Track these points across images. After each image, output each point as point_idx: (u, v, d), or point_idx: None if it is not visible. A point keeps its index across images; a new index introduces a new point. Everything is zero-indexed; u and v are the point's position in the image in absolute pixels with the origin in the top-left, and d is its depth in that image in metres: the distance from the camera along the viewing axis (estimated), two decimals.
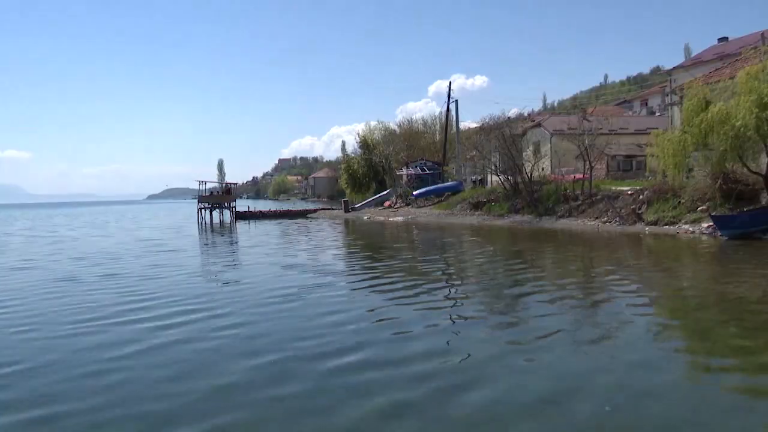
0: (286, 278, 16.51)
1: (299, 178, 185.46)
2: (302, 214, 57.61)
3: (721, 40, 56.18)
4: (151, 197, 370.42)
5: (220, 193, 56.89)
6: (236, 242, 31.32)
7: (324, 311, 11.86)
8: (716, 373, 7.87)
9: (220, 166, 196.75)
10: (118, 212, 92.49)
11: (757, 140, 22.44)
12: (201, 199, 53.69)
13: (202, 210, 52.30)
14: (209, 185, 57.66)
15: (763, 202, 23.53)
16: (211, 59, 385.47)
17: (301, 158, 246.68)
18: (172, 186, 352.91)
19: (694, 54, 57.71)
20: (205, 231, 40.77)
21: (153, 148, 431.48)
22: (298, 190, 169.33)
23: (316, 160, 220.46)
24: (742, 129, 21.61)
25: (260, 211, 57.80)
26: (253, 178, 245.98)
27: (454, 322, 11.10)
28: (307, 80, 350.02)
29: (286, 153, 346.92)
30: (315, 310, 12.00)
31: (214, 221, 50.95)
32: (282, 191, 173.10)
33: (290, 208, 65.57)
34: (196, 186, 55.55)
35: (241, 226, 44.09)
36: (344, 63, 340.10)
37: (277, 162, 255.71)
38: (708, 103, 23.42)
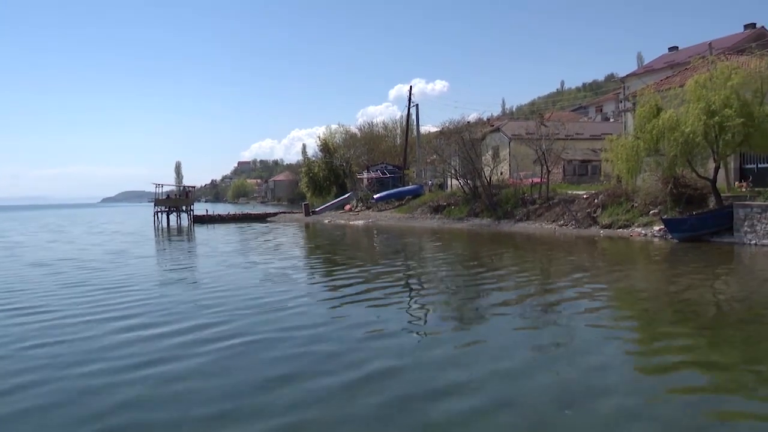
0: (245, 284, 16.14)
1: (259, 181, 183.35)
2: (262, 218, 56.93)
3: (671, 49, 58.07)
4: (106, 200, 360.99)
5: (178, 196, 55.80)
6: (194, 247, 30.73)
7: (291, 322, 11.67)
8: (668, 372, 8.08)
9: (178, 168, 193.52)
10: (70, 216, 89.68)
11: (705, 146, 23.21)
12: (157, 202, 52.58)
13: (159, 213, 51.20)
14: (166, 188, 56.57)
15: (711, 206, 24.35)
16: (169, 59, 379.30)
17: (261, 161, 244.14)
18: (127, 189, 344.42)
19: (646, 62, 59.53)
20: (162, 235, 39.90)
21: (108, 149, 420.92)
22: (257, 193, 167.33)
23: (276, 163, 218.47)
24: (691, 135, 22.31)
25: (219, 215, 56.84)
26: (212, 181, 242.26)
27: (412, 325, 11.11)
28: (267, 82, 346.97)
29: (246, 156, 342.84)
30: (277, 314, 11.87)
31: (171, 225, 49.91)
32: (241, 194, 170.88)
33: (250, 212, 64.73)
34: (152, 189, 54.41)
35: (199, 230, 43.33)
36: (305, 66, 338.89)
37: (236, 165, 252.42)
38: (659, 110, 24.11)
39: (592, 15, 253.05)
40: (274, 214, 59.58)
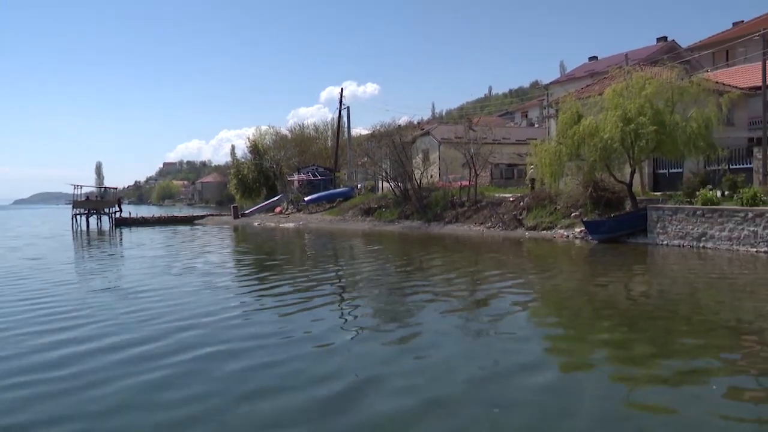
0: (176, 294, 15.49)
1: (186, 182, 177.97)
2: (189, 221, 55.28)
3: (591, 58, 60.77)
4: (19, 202, 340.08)
5: (97, 197, 53.36)
6: (118, 253, 29.49)
7: (232, 334, 11.39)
8: (590, 367, 8.48)
9: (99, 169, 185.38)
10: None
11: (621, 152, 24.42)
12: (76, 204, 50.12)
13: (78, 216, 48.82)
14: (85, 189, 54.00)
15: (627, 209, 25.65)
16: (89, 57, 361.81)
17: (188, 162, 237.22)
18: (43, 190, 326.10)
19: (568, 70, 62.08)
20: (81, 239, 38.02)
21: (22, 149, 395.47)
22: (184, 195, 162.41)
23: (204, 164, 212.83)
24: (609, 141, 23.42)
25: (143, 218, 54.76)
26: (136, 182, 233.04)
27: (343, 325, 11.14)
28: (194, 82, 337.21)
29: (172, 157, 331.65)
30: (203, 319, 11.58)
31: (91, 228, 47.63)
32: (167, 196, 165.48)
33: (176, 214, 62.70)
34: (70, 190, 51.80)
35: (122, 234, 41.54)
36: (234, 65, 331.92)
37: (161, 166, 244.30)
38: (580, 117, 25.16)
39: (519, 23, 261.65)
40: (202, 217, 58.02)
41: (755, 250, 19.56)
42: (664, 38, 54.33)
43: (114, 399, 7.23)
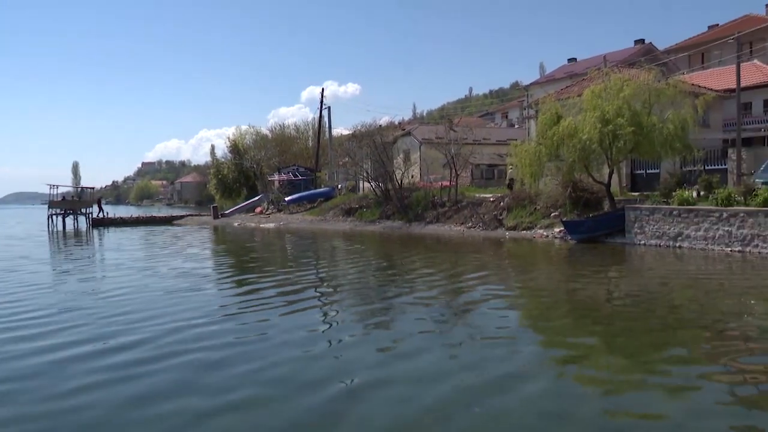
0: (156, 297, 15.35)
1: (165, 182, 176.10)
2: (168, 221, 54.66)
3: (570, 60, 61.43)
4: None
5: (74, 197, 52.52)
6: (95, 254, 29.08)
7: (215, 339, 11.29)
8: (570, 364, 8.57)
9: (75, 168, 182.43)
10: None
11: (600, 152, 24.71)
12: (52, 204, 49.30)
13: (54, 216, 48.03)
14: (62, 189, 53.12)
15: (606, 209, 25.95)
16: (66, 55, 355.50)
17: (167, 162, 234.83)
18: (18, 190, 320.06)
19: (548, 72, 62.69)
20: (57, 240, 37.40)
21: None
22: (163, 195, 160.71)
23: (183, 164, 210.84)
24: (587, 142, 23.68)
25: (121, 218, 54.01)
26: (113, 182, 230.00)
27: (327, 327, 11.12)
28: (174, 80, 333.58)
29: (151, 156, 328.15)
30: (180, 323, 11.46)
31: (67, 229, 46.86)
32: (145, 196, 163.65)
33: (155, 215, 61.96)
34: (46, 190, 50.96)
35: (100, 235, 40.96)
36: (214, 64, 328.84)
37: (140, 165, 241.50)
38: (559, 118, 25.39)
39: (499, 25, 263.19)
40: (181, 217, 57.43)
41: (729, 249, 19.90)
42: (642, 41, 55.13)
43: (88, 405, 7.11)
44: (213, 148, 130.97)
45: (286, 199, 51.95)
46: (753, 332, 10.07)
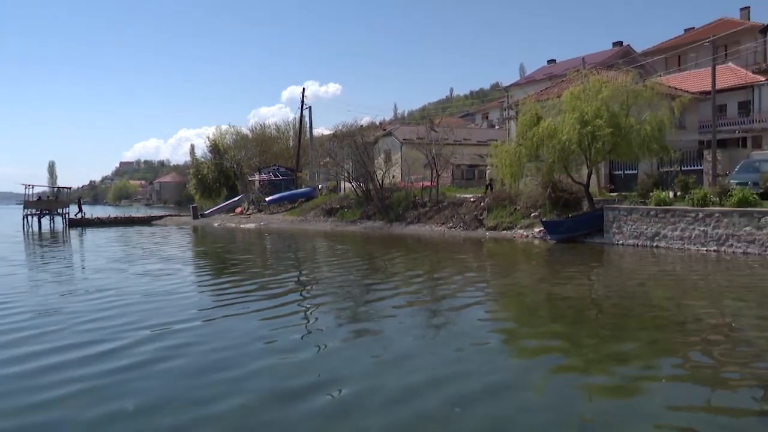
0: (136, 299, 15.14)
1: (143, 182, 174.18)
2: (146, 221, 54.08)
3: (550, 62, 61.95)
4: None
5: (50, 197, 51.70)
6: (72, 255, 28.63)
7: (201, 344, 11.16)
8: (549, 364, 8.64)
9: (52, 168, 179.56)
10: None
11: (579, 153, 24.96)
12: (27, 204, 48.49)
13: (29, 217, 47.24)
14: (38, 189, 52.27)
15: (585, 209, 26.22)
16: (42, 51, 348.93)
17: (146, 162, 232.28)
18: None
19: (527, 73, 63.25)
20: (33, 241, 36.78)
21: None
22: (141, 195, 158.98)
23: (162, 163, 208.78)
24: (567, 143, 23.91)
25: (98, 218, 53.28)
26: (91, 182, 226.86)
27: (308, 327, 11.09)
28: (153, 79, 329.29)
29: (129, 156, 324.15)
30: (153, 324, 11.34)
31: (43, 229, 46.09)
32: (124, 196, 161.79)
33: (133, 215, 61.24)
34: (21, 190, 50.08)
35: (77, 235, 40.35)
36: (194, 64, 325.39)
37: (118, 165, 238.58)
38: (539, 119, 25.61)
39: (479, 26, 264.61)
40: (160, 217, 56.83)
41: (705, 249, 20.23)
42: (620, 43, 55.78)
43: (57, 422, 6.98)
44: (193, 147, 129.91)
45: (267, 199, 51.71)
46: (729, 331, 10.24)
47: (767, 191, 20.57)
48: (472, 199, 32.94)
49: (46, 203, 51.24)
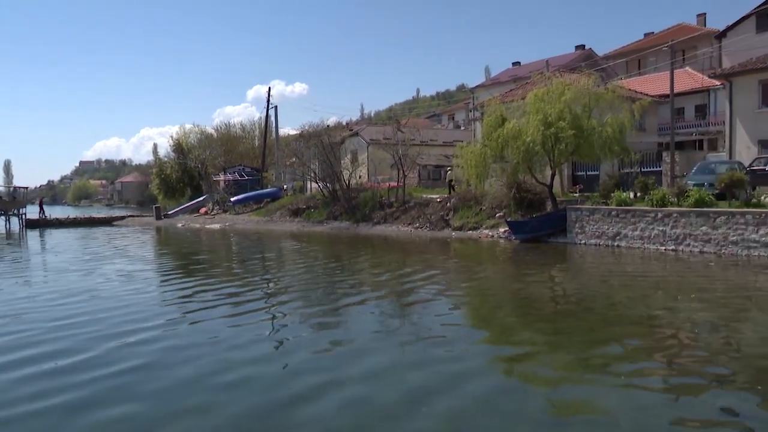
0: (85, 302, 14.84)
1: (104, 182, 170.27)
2: (108, 222, 52.87)
3: (515, 64, 62.76)
4: None
5: (4, 197, 50.11)
6: (30, 257, 27.81)
7: (167, 344, 10.96)
8: (516, 362, 8.78)
9: (8, 167, 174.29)
10: None
11: (543, 154, 25.35)
12: None
13: None
14: None
15: (548, 209, 26.65)
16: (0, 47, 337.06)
17: (107, 161, 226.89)
18: None
19: (493, 75, 63.87)
20: None
21: None
22: (102, 195, 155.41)
23: (124, 163, 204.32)
24: (531, 144, 24.27)
25: (57, 219, 51.86)
26: (49, 181, 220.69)
27: (275, 329, 11.04)
28: (114, 76, 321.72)
29: (90, 155, 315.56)
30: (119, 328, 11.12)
31: None
32: (84, 197, 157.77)
33: (94, 215, 59.76)
34: None
35: (34, 236, 39.20)
36: (157, 61, 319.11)
37: (77, 164, 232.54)
38: (504, 120, 25.91)
39: (445, 27, 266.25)
40: (122, 218, 55.64)
41: (664, 248, 20.78)
42: (582, 46, 56.90)
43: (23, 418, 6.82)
44: (156, 146, 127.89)
45: (232, 199, 51.13)
46: (686, 327, 10.55)
47: (723, 192, 21.21)
48: (438, 200, 33.16)
49: (2, 204, 49.71)
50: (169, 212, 54.02)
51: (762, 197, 20.45)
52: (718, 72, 31.60)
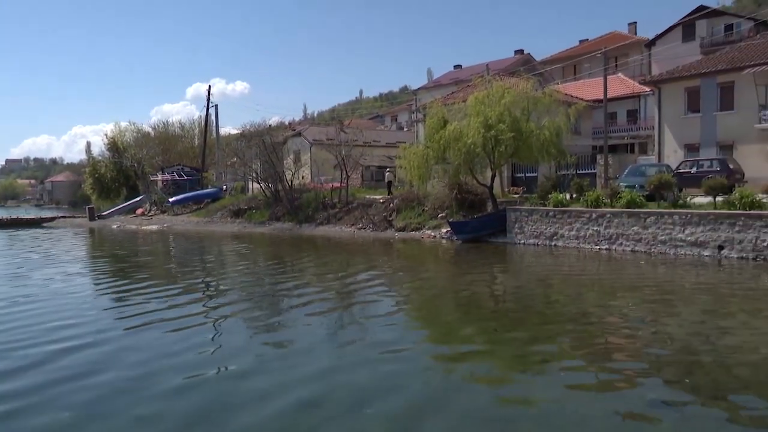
0: (10, 310, 14.24)
1: (33, 181, 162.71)
2: (36, 223, 50.44)
3: (456, 67, 63.79)
4: None
5: None
6: None
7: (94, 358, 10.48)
8: (457, 361, 8.88)
9: None
10: None
11: (483, 156, 25.84)
12: None
13: None
14: None
15: (489, 210, 27.18)
16: None
17: (36, 159, 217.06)
18: None
19: (435, 77, 64.54)
20: None
21: None
22: (31, 195, 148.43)
23: (54, 162, 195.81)
24: (472, 146, 24.69)
25: None
26: None
27: (214, 332, 10.79)
28: (44, 72, 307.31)
29: (17, 153, 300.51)
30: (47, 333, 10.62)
31: None
32: (10, 197, 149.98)
33: (21, 216, 56.88)
34: None
35: None
36: (92, 57, 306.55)
37: (4, 163, 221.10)
38: (446, 122, 26.27)
39: (388, 28, 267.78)
40: (52, 219, 53.23)
41: (598, 247, 21.53)
42: (521, 51, 58.37)
43: None
44: (89, 145, 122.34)
45: (170, 200, 49.78)
46: (619, 323, 10.96)
47: (652, 194, 22.17)
48: (381, 201, 33.28)
49: None
50: (104, 213, 52.14)
51: (688, 199, 21.50)
52: (647, 79, 33.10)
